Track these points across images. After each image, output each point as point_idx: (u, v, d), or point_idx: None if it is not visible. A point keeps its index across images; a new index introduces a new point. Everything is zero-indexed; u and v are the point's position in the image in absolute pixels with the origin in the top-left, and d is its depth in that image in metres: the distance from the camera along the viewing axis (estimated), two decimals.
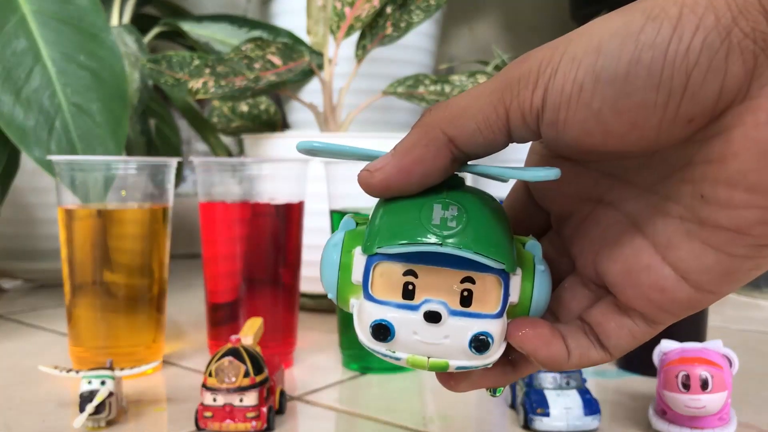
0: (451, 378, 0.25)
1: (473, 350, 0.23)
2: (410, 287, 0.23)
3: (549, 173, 0.22)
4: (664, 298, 0.22)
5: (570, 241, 0.26)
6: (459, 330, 0.23)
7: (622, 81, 0.19)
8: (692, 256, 0.21)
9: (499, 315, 0.23)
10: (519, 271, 0.24)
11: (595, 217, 0.25)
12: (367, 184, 0.23)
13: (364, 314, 0.23)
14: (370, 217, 0.24)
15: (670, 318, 0.23)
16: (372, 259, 0.23)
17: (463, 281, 0.23)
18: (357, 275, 0.23)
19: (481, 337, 0.22)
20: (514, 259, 0.23)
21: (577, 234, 0.26)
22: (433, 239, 0.22)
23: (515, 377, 0.25)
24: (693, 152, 0.21)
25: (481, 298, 0.23)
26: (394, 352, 0.23)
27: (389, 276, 0.23)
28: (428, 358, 0.23)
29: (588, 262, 0.25)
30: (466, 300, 0.23)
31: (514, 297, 0.23)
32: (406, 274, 0.23)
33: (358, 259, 0.23)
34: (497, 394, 0.26)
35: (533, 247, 0.24)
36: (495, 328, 0.23)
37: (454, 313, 0.23)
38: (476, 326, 0.23)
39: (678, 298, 0.22)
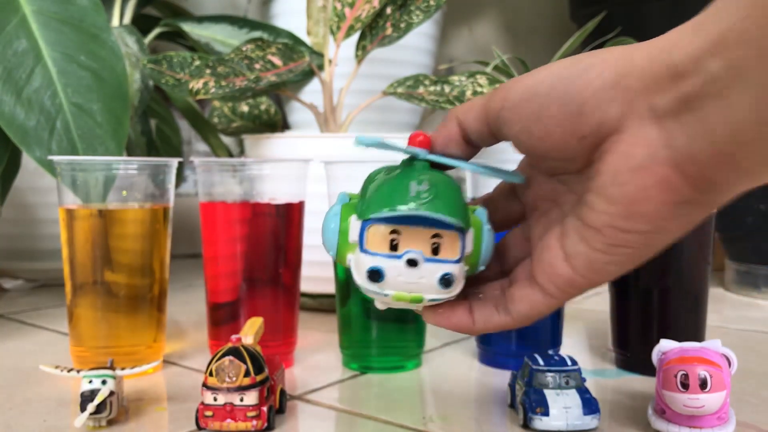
0: (427, 311, 0.33)
1: (441, 286, 0.31)
2: (395, 242, 0.30)
3: (518, 178, 0.33)
4: (552, 271, 0.30)
5: (530, 227, 0.35)
6: (431, 271, 0.30)
7: (545, 96, 0.28)
8: (572, 243, 0.30)
9: (458, 261, 0.31)
10: (471, 230, 0.32)
11: (548, 212, 0.34)
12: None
13: (360, 264, 0.31)
14: (360, 193, 0.33)
15: (556, 291, 0.31)
16: (366, 223, 0.31)
17: (433, 237, 0.30)
18: (353, 236, 0.31)
19: (446, 276, 0.30)
20: (469, 220, 0.32)
21: (535, 223, 0.34)
22: (412, 206, 0.29)
23: (473, 326, 0.33)
24: (591, 170, 0.29)
25: (446, 249, 0.31)
26: (383, 290, 0.31)
27: (379, 234, 0.30)
28: (410, 293, 0.31)
29: (533, 242, 0.34)
30: (435, 250, 0.31)
31: (468, 248, 0.31)
32: (392, 233, 0.30)
33: (354, 224, 0.31)
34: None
35: (481, 213, 0.33)
36: (456, 269, 0.31)
37: (427, 260, 0.30)
38: (444, 268, 0.31)
39: (560, 273, 0.30)
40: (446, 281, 0.30)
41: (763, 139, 0.23)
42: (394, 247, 0.30)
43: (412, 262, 0.30)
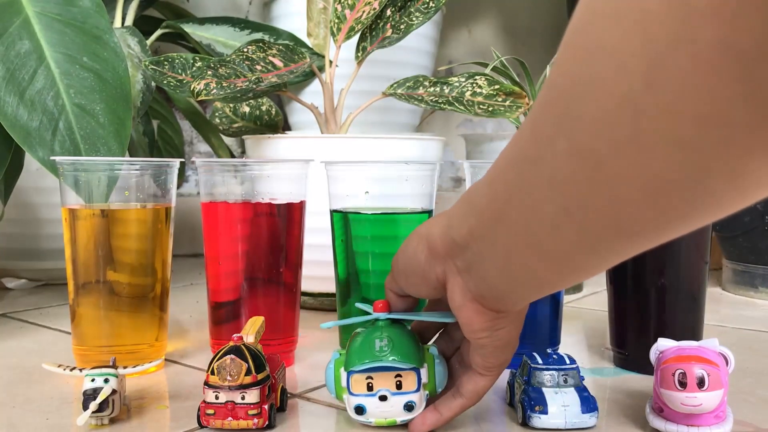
0: (409, 424, 0.44)
1: (406, 410, 0.43)
2: (370, 384, 0.42)
3: (449, 318, 0.43)
4: (473, 360, 0.42)
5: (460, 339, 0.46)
6: (398, 401, 0.42)
7: (404, 269, 0.43)
8: (468, 343, 0.42)
9: (417, 390, 0.43)
10: (425, 365, 0.43)
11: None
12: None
13: (350, 402, 0.43)
14: (346, 348, 0.44)
15: (483, 371, 0.42)
16: (349, 373, 0.43)
17: (396, 376, 0.42)
18: (343, 383, 0.43)
19: (409, 403, 0.43)
20: (421, 360, 0.43)
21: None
22: (376, 360, 0.42)
23: (441, 417, 0.44)
24: None
25: (407, 383, 0.42)
26: (367, 419, 0.43)
27: (359, 381, 0.43)
28: (385, 419, 0.43)
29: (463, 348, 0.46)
30: (399, 385, 0.42)
31: (425, 379, 0.43)
32: (367, 378, 0.42)
33: (343, 375, 0.43)
34: None
35: (433, 350, 0.44)
36: (416, 397, 0.43)
37: (394, 393, 0.42)
38: (407, 398, 0.42)
39: (477, 361, 0.42)
40: (409, 407, 0.43)
41: (512, 286, 0.36)
42: (370, 387, 0.42)
43: (383, 398, 0.42)
